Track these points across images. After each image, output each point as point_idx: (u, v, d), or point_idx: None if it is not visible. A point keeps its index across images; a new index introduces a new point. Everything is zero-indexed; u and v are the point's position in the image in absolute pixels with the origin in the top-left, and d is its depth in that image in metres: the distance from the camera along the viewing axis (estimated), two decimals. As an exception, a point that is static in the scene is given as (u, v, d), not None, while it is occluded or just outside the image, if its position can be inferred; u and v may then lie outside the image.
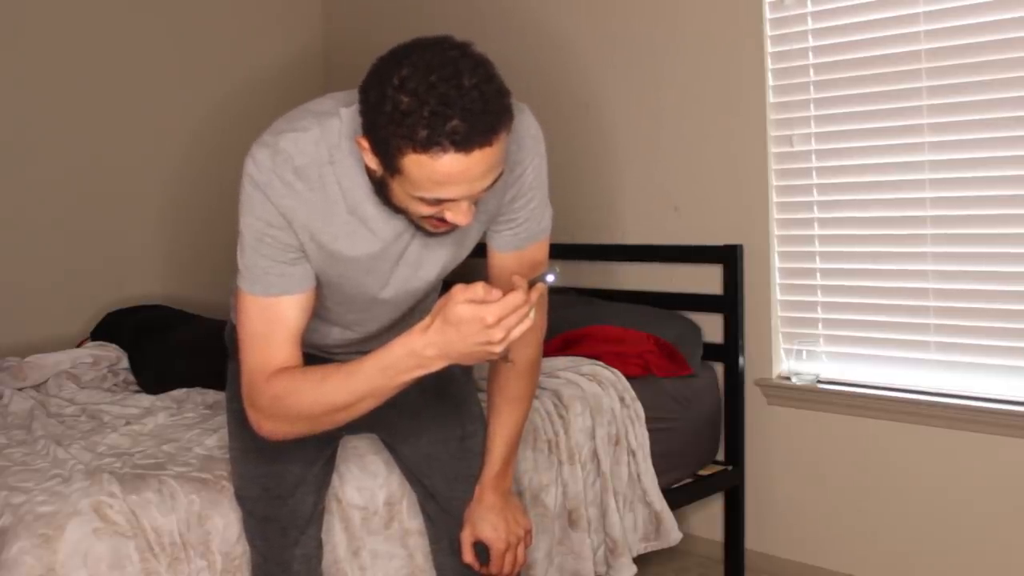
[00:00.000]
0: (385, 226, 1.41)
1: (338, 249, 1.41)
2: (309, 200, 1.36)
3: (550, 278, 1.26)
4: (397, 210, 1.35)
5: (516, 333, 1.24)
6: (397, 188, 1.27)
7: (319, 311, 1.51)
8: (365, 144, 1.26)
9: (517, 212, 1.52)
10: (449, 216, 1.29)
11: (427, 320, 1.26)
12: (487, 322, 1.21)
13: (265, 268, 1.38)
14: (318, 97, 1.43)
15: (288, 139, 1.34)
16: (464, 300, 1.22)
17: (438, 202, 1.26)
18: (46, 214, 3.27)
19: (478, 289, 1.22)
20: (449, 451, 1.76)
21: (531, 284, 1.25)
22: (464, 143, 1.18)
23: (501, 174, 1.28)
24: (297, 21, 4.00)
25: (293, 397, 1.36)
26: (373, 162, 1.28)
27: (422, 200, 1.26)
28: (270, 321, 1.39)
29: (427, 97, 1.16)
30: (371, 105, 1.21)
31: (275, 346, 1.39)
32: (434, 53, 1.20)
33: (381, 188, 1.32)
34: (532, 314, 1.25)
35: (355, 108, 1.30)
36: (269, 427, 1.41)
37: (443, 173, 1.20)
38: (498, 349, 1.24)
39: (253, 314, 1.40)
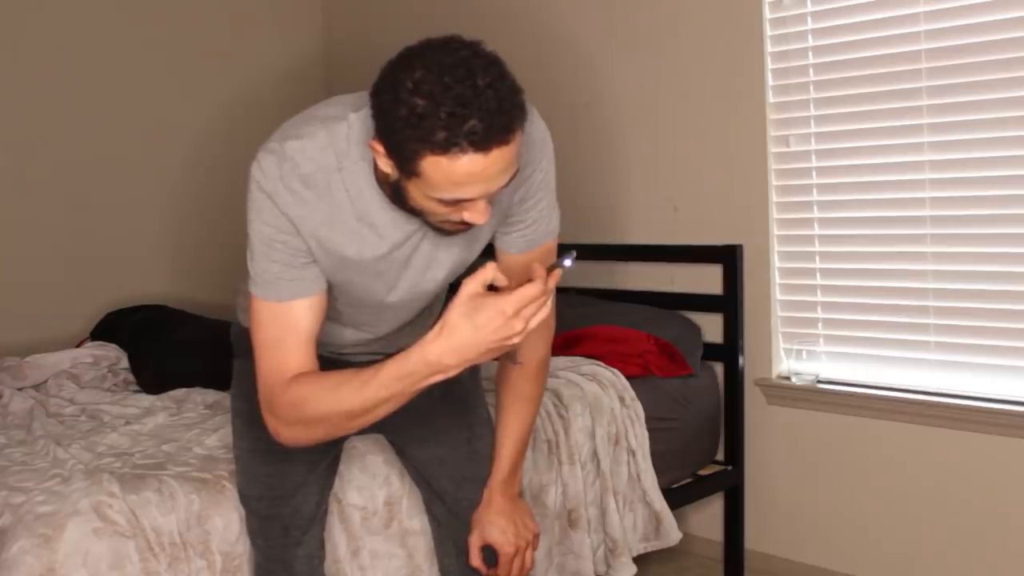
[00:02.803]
0: (394, 230, 1.41)
1: (345, 255, 1.41)
2: (316, 208, 1.35)
3: (567, 263, 1.25)
4: (412, 212, 1.34)
5: (535, 322, 1.24)
6: (414, 190, 1.27)
7: (331, 313, 1.51)
8: (379, 148, 1.25)
9: (526, 213, 1.52)
10: (467, 216, 1.28)
11: (438, 327, 1.25)
12: (507, 313, 1.21)
13: (277, 273, 1.38)
14: (323, 101, 1.43)
15: (295, 146, 1.34)
16: (471, 292, 1.22)
17: (456, 202, 1.26)
18: (46, 214, 3.27)
19: (488, 271, 1.23)
20: (458, 453, 1.76)
21: (549, 270, 1.25)
22: (482, 143, 1.18)
23: (517, 171, 1.28)
24: (298, 24, 4.00)
25: (310, 403, 1.36)
26: (388, 166, 1.27)
27: (440, 201, 1.26)
28: (284, 326, 1.39)
29: (443, 99, 1.16)
30: (385, 109, 1.21)
31: (290, 351, 1.38)
32: (446, 54, 1.19)
33: (396, 191, 1.31)
34: (550, 302, 1.25)
35: (364, 112, 1.29)
36: (287, 434, 1.41)
37: (462, 174, 1.20)
38: (518, 340, 1.24)
39: (266, 319, 1.39)
